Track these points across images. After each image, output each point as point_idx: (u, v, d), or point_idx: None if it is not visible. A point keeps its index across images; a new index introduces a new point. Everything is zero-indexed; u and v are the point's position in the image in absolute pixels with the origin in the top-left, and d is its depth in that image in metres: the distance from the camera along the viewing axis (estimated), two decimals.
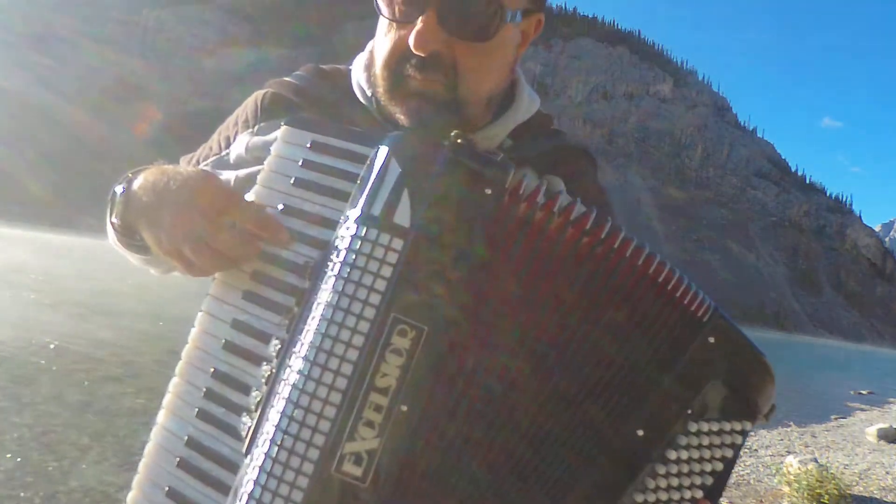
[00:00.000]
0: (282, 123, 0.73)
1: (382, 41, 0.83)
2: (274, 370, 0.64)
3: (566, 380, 0.62)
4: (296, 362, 0.61)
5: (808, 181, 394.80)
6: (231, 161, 0.90)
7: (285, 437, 0.59)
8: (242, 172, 0.86)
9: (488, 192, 0.61)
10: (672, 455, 0.63)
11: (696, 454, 0.63)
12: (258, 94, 0.95)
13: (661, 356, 0.63)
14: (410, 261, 0.59)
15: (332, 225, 0.65)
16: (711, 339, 0.63)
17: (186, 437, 0.67)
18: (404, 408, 0.58)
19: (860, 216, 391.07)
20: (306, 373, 0.60)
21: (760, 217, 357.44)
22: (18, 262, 30.45)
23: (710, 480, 0.64)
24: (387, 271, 0.59)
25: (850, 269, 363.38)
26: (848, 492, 6.56)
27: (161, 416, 0.69)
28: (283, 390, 0.61)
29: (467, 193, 0.61)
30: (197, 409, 0.68)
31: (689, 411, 0.63)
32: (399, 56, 0.80)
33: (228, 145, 0.93)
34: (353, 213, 0.62)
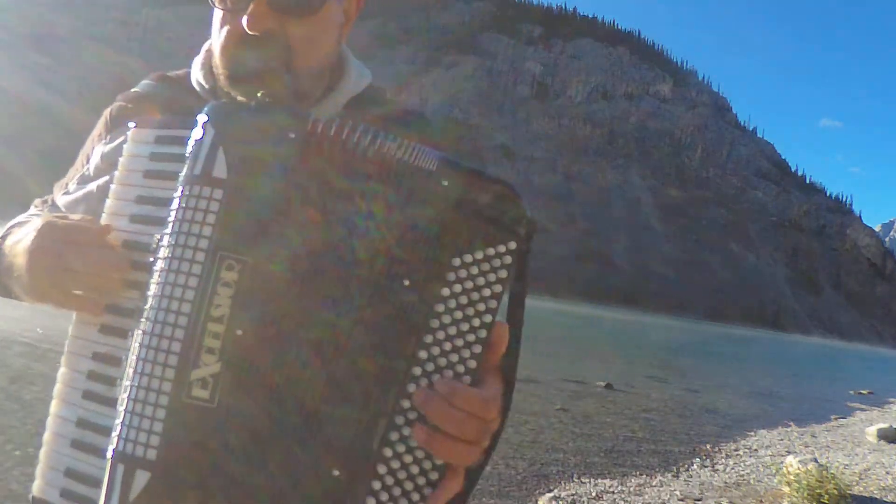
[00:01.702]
0: (130, 126, 0.79)
1: (219, 33, 0.91)
2: (133, 331, 0.70)
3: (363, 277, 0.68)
4: (145, 316, 0.68)
5: (808, 181, 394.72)
6: (91, 174, 0.96)
7: (142, 377, 0.65)
8: (101, 181, 0.91)
9: (292, 136, 0.68)
10: (445, 292, 0.67)
11: (468, 284, 0.67)
12: (107, 110, 1.04)
13: (414, 213, 0.68)
14: (231, 205, 0.67)
15: None
16: (445, 182, 0.68)
17: (76, 419, 0.73)
18: (239, 332, 0.65)
19: (860, 216, 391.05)
20: (153, 318, 0.66)
21: (760, 217, 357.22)
22: None
23: (494, 304, 0.68)
24: (211, 218, 0.66)
25: (850, 269, 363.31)
26: (848, 492, 6.54)
27: (52, 406, 0.74)
28: (138, 341, 0.68)
29: (273, 141, 0.68)
30: (82, 392, 0.73)
31: (447, 253, 0.68)
32: (236, 40, 0.88)
33: (89, 161, 1.00)
34: (181, 176, 0.69)
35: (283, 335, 0.67)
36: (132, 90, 1.04)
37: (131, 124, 0.79)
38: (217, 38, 0.92)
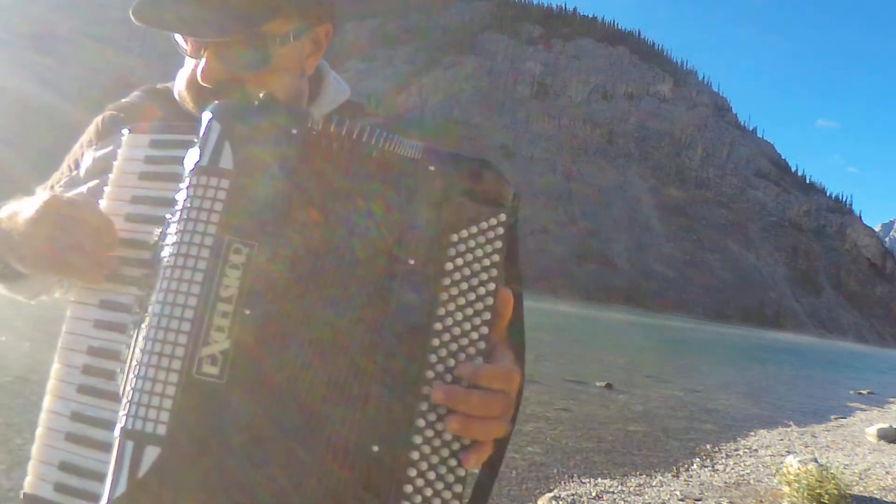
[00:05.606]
0: (124, 133, 0.82)
1: (187, 65, 0.96)
2: (138, 321, 0.71)
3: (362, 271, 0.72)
4: (154, 299, 0.69)
5: (807, 181, 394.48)
6: (81, 177, 0.98)
7: (151, 355, 0.67)
8: (92, 183, 0.92)
9: (294, 132, 0.72)
10: (449, 266, 0.72)
11: (468, 256, 0.72)
12: (98, 118, 1.09)
13: (408, 199, 0.73)
14: (237, 193, 0.70)
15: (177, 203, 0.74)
16: (431, 168, 0.73)
17: (70, 413, 0.73)
18: (247, 311, 0.68)
19: (860, 216, 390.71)
20: (162, 299, 0.68)
21: (760, 217, 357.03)
22: None
23: (494, 272, 0.73)
24: (219, 206, 0.69)
25: (850, 269, 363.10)
26: (848, 492, 6.54)
27: (45, 402, 0.75)
28: (146, 324, 0.69)
29: (277, 135, 0.72)
30: (77, 386, 0.74)
31: (448, 230, 0.72)
32: (197, 83, 0.93)
33: (78, 167, 1.03)
34: (187, 166, 0.72)
35: (285, 334, 0.69)
36: (122, 100, 1.09)
37: (125, 130, 0.82)
38: (186, 68, 0.96)
